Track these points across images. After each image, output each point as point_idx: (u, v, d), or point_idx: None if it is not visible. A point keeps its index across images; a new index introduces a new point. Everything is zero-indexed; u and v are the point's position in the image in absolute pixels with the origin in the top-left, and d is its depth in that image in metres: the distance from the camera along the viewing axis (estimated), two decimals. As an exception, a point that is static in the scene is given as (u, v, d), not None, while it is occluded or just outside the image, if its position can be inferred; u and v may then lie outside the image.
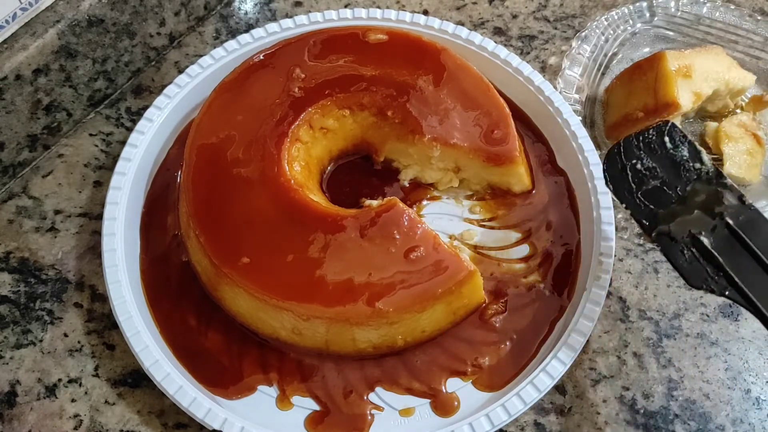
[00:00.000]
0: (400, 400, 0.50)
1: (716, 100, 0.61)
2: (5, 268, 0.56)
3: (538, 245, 0.56)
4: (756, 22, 0.66)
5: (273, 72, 0.57)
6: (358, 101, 0.56)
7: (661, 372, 0.52)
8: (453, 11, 0.70)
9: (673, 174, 0.49)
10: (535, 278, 0.54)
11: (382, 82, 0.56)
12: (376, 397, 0.50)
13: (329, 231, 0.50)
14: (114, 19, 0.60)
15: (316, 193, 0.55)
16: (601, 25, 0.65)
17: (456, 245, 0.56)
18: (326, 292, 0.48)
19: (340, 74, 0.57)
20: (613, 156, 0.50)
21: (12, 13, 0.55)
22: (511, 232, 0.57)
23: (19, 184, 0.60)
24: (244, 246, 0.50)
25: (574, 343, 0.49)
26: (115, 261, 0.52)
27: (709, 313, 0.55)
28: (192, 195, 0.52)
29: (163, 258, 0.55)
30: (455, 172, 0.58)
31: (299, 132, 0.55)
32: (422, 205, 0.58)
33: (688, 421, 0.51)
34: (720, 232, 0.47)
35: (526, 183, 0.58)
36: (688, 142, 0.49)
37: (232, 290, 0.50)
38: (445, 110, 0.56)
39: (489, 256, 0.56)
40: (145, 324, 0.50)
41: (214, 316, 0.53)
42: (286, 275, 0.49)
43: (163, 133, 0.59)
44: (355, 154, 0.60)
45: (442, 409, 0.50)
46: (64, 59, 0.58)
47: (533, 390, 0.48)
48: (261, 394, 0.50)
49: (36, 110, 0.59)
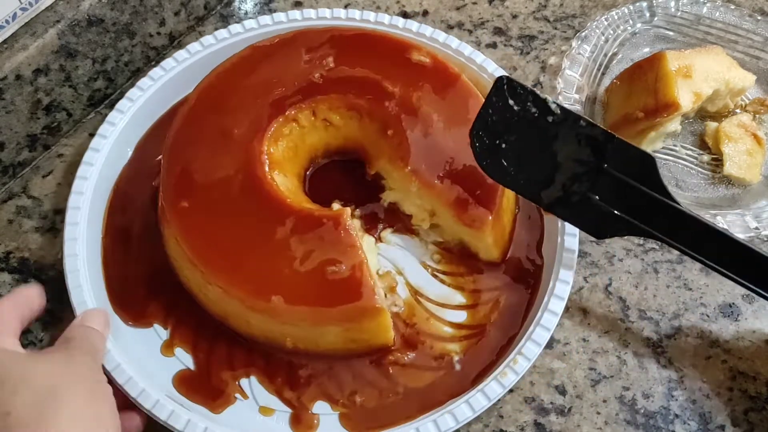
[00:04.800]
0: (266, 398, 0.50)
1: (716, 100, 0.61)
2: (5, 268, 0.56)
3: (476, 319, 0.53)
4: (756, 22, 0.66)
5: (298, 53, 0.57)
6: (368, 109, 0.55)
7: (661, 372, 0.52)
8: (453, 11, 0.70)
9: (535, 139, 0.48)
10: (454, 348, 0.52)
11: (399, 101, 0.55)
12: (248, 384, 0.50)
13: (268, 214, 0.50)
14: (114, 19, 0.60)
15: (289, 177, 0.55)
16: (601, 25, 0.65)
17: (397, 280, 0.54)
18: (235, 266, 0.49)
19: (364, 77, 0.55)
20: (479, 145, 0.49)
21: (12, 13, 0.55)
22: (458, 295, 0.54)
23: (19, 184, 0.60)
24: (190, 191, 0.51)
25: (446, 421, 0.46)
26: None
27: (709, 313, 0.55)
28: (172, 141, 0.54)
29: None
30: (430, 215, 0.55)
31: (299, 114, 0.55)
32: (389, 231, 0.56)
33: (688, 421, 0.51)
34: (600, 178, 0.47)
35: (493, 255, 0.54)
36: (530, 95, 0.47)
37: (169, 235, 0.52)
38: (442, 149, 0.53)
39: (424, 306, 0.53)
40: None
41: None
42: (210, 233, 0.50)
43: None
44: (352, 157, 0.59)
45: (299, 425, 0.49)
46: (64, 59, 0.58)
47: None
48: (153, 331, 0.52)
49: (36, 110, 0.59)
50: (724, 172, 0.59)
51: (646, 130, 0.58)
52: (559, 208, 0.50)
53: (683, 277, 0.56)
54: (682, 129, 0.61)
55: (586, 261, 0.57)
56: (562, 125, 0.47)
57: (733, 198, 0.59)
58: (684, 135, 0.62)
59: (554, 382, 0.52)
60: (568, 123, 0.47)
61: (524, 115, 0.48)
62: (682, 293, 0.56)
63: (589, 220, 0.49)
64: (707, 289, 0.56)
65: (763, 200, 0.58)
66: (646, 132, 0.58)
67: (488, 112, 0.48)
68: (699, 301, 0.55)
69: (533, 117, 0.47)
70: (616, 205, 0.48)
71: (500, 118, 0.48)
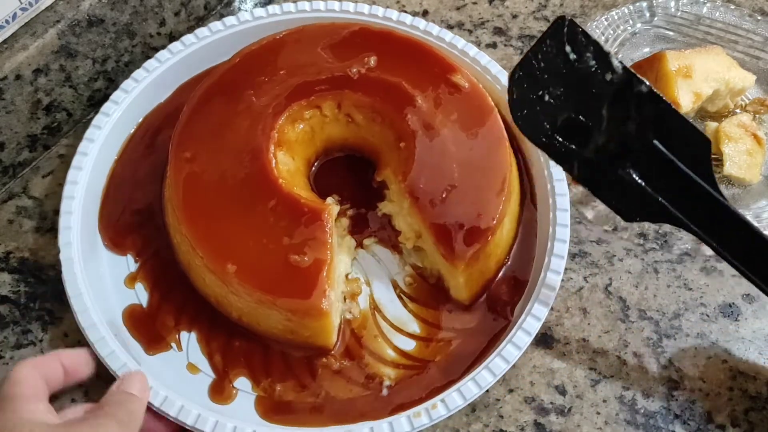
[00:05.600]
0: (198, 357, 0.51)
1: (716, 100, 0.61)
2: (5, 268, 0.56)
3: (423, 353, 0.51)
4: (756, 22, 0.66)
5: (344, 43, 0.57)
6: (390, 117, 0.55)
7: (661, 372, 0.52)
8: (453, 11, 0.70)
9: (584, 97, 0.42)
10: (389, 374, 0.50)
11: (421, 117, 0.54)
12: (187, 338, 0.51)
13: (256, 187, 0.51)
14: (114, 19, 0.60)
15: (297, 159, 0.55)
16: (601, 25, 0.65)
17: (363, 289, 0.54)
18: (207, 223, 0.50)
19: (397, 85, 0.55)
20: (518, 93, 0.43)
21: (12, 13, 0.55)
22: (415, 324, 0.53)
23: (19, 184, 0.60)
24: (196, 143, 0.53)
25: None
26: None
27: (709, 313, 0.55)
28: (202, 92, 0.55)
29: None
30: (416, 236, 0.54)
31: (323, 103, 0.55)
32: (373, 240, 0.56)
33: (688, 421, 0.51)
34: (645, 154, 0.42)
35: (461, 295, 0.53)
36: (592, 45, 0.42)
37: (168, 175, 0.54)
38: (445, 176, 0.52)
39: (377, 322, 0.53)
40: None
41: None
42: (200, 188, 0.51)
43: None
44: (367, 157, 0.59)
45: (217, 393, 0.49)
46: (64, 59, 0.58)
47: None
48: (125, 261, 0.54)
49: (36, 110, 0.59)
50: (724, 172, 0.59)
51: (646, 130, 0.58)
52: (591, 181, 0.45)
53: (683, 277, 0.56)
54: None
55: (586, 261, 0.57)
56: (619, 87, 0.42)
57: (733, 198, 0.59)
58: (684, 135, 0.62)
59: (554, 382, 0.52)
60: (628, 86, 0.41)
61: (579, 67, 0.42)
62: (682, 293, 0.56)
63: (621, 198, 0.45)
64: (707, 289, 0.56)
65: (763, 200, 0.58)
66: (646, 132, 0.58)
67: (537, 57, 0.43)
68: (699, 301, 0.55)
69: (589, 72, 0.42)
70: (655, 187, 0.44)
71: (550, 65, 0.42)
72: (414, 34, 0.61)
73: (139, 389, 0.44)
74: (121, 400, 0.43)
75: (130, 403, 0.42)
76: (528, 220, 0.56)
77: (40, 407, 0.40)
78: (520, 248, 0.55)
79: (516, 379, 0.52)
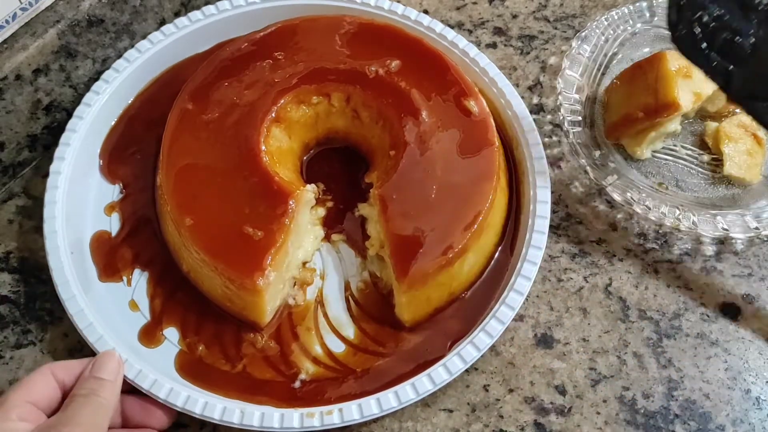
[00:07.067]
0: (141, 297, 0.53)
1: (716, 100, 0.61)
2: (5, 268, 0.56)
3: (348, 360, 0.51)
4: (756, 22, 0.66)
5: (371, 40, 0.58)
6: (390, 123, 0.55)
7: (661, 372, 0.52)
8: (453, 11, 0.70)
9: (742, 18, 0.44)
10: (307, 368, 0.50)
11: (419, 131, 0.53)
12: (138, 276, 0.54)
13: (239, 156, 0.52)
14: (114, 19, 0.60)
15: (293, 139, 0.56)
16: (601, 25, 0.65)
17: (315, 281, 0.54)
18: (183, 172, 0.52)
19: (407, 95, 0.55)
20: (678, 13, 0.45)
21: (12, 13, 0.55)
22: (352, 329, 0.52)
23: (19, 184, 0.60)
24: (201, 99, 0.54)
25: (245, 416, 0.47)
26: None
27: (709, 313, 0.55)
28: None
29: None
30: (380, 245, 0.53)
31: (333, 93, 0.56)
32: (341, 238, 0.56)
33: (688, 421, 0.51)
34: None
35: (402, 316, 0.51)
36: None
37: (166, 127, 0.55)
38: (422, 194, 0.51)
39: (316, 316, 0.52)
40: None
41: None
42: (190, 137, 0.53)
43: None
44: (365, 156, 0.59)
45: (146, 335, 0.51)
46: (64, 59, 0.58)
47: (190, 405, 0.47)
48: (111, 191, 0.58)
49: (36, 110, 0.59)
50: (724, 172, 0.59)
51: (646, 130, 0.58)
52: (750, 103, 0.46)
53: (683, 277, 0.56)
54: (682, 129, 0.61)
55: (586, 261, 0.57)
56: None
57: (733, 198, 0.59)
58: (684, 135, 0.62)
59: (554, 382, 0.52)
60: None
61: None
62: (682, 293, 0.56)
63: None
64: (707, 289, 0.56)
65: (763, 200, 0.58)
66: (647, 132, 0.58)
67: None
68: (699, 301, 0.55)
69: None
70: None
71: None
72: (417, 29, 0.61)
73: (110, 371, 0.44)
74: (91, 389, 0.42)
75: (101, 390, 0.42)
76: (501, 263, 0.54)
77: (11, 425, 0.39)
78: (482, 288, 0.53)
79: (516, 379, 0.52)
